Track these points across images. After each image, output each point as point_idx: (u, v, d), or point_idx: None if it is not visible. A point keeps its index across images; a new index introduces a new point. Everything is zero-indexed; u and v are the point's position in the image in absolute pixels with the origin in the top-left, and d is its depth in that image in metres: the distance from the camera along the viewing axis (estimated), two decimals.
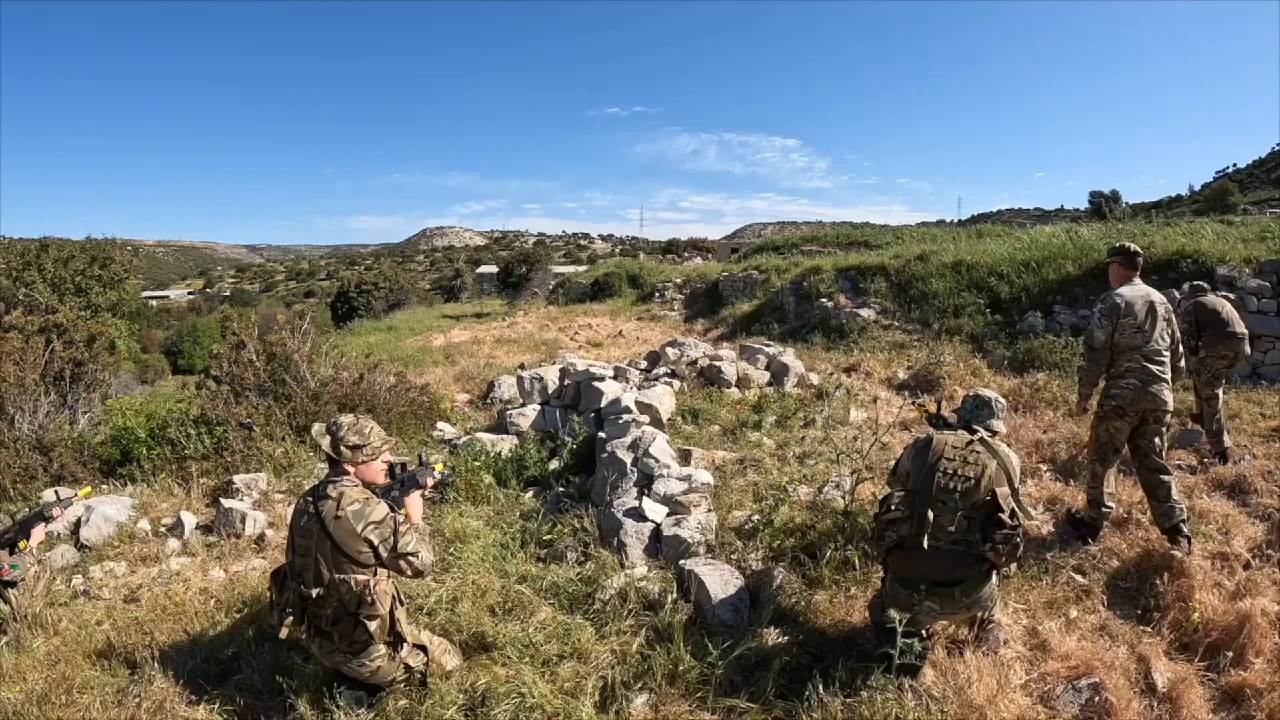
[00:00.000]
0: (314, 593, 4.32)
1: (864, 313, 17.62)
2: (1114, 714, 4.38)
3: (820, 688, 4.41)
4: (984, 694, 4.35)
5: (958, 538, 4.60)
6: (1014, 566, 5.12)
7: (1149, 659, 5.03)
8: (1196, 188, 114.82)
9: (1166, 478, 6.53)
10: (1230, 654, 5.12)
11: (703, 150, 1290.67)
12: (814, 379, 12.22)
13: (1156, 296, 6.68)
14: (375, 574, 4.38)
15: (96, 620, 5.92)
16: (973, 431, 4.98)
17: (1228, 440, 8.82)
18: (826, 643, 5.06)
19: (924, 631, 4.73)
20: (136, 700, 4.73)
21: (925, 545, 4.56)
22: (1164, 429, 6.68)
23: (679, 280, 27.88)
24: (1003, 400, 5.26)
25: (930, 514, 4.60)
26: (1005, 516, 4.55)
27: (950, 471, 4.70)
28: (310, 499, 4.45)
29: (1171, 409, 6.61)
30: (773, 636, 5.13)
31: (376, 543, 4.31)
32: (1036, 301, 15.18)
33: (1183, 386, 9.60)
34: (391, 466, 5.02)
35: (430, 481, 5.07)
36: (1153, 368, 6.48)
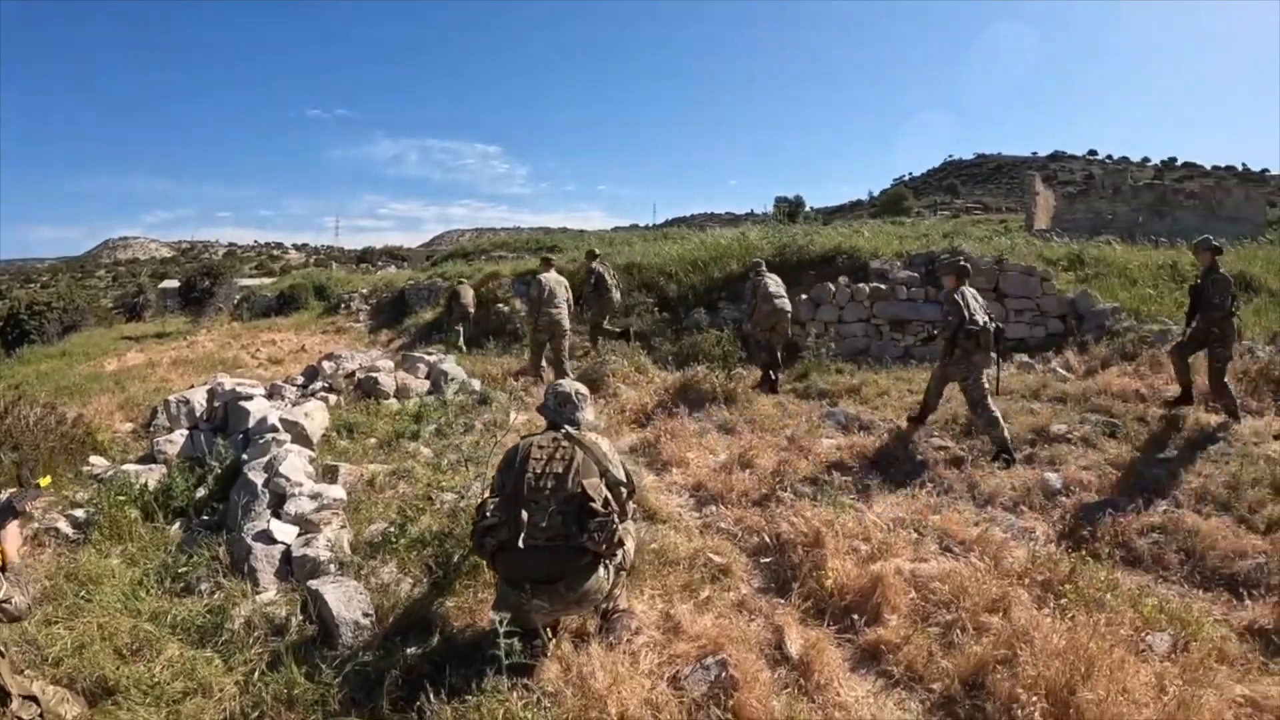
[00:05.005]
0: None
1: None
2: (740, 688, 4.44)
3: (432, 696, 4.30)
4: (605, 683, 4.32)
5: (554, 534, 4.64)
6: (628, 553, 5.15)
7: (784, 629, 5.17)
8: (876, 194, 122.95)
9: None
10: (863, 615, 5.40)
11: (404, 156, 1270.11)
12: (476, 385, 12.15)
13: (563, 280, 13.87)
14: None
15: None
16: (558, 428, 5.07)
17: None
18: (455, 649, 4.96)
19: (547, 630, 4.75)
20: None
21: (522, 545, 4.57)
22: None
23: (365, 290, 27.18)
24: (585, 391, 5.40)
25: (524, 514, 4.63)
26: (597, 505, 4.64)
27: (538, 471, 4.78)
28: None
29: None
30: (397, 648, 4.98)
31: None
32: (703, 299, 15.95)
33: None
34: None
35: (30, 504, 4.68)
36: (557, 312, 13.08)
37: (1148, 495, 7.45)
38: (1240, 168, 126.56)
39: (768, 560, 6.27)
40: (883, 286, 14.82)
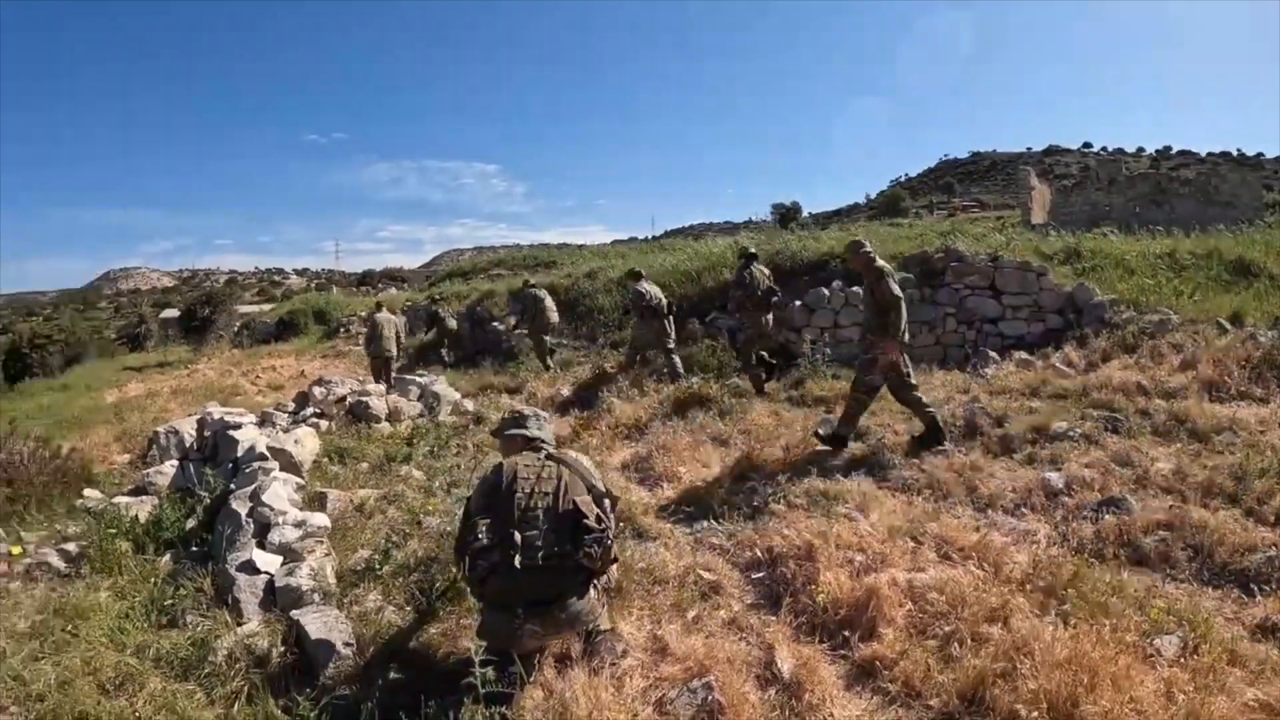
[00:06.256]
0: None
1: None
2: (726, 711, 4.35)
3: None
4: (586, 710, 4.23)
5: (549, 553, 4.58)
6: (614, 572, 5.09)
7: (774, 647, 5.05)
8: (873, 196, 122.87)
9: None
10: (857, 629, 5.24)
11: (402, 178, 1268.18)
12: (469, 405, 12.20)
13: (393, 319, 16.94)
14: None
15: None
16: (536, 449, 5.07)
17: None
18: (435, 678, 4.86)
19: (533, 657, 4.66)
20: None
21: (518, 564, 4.49)
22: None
23: (364, 314, 27.05)
24: (543, 413, 5.50)
25: (517, 536, 4.55)
26: (590, 521, 4.61)
27: (528, 490, 4.73)
28: None
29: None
30: (376, 678, 4.92)
31: None
32: (696, 309, 15.73)
33: None
34: None
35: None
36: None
37: (1153, 491, 7.33)
38: (1235, 153, 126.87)
39: (760, 575, 6.15)
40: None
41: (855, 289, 14.68)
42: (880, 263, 8.70)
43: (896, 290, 8.69)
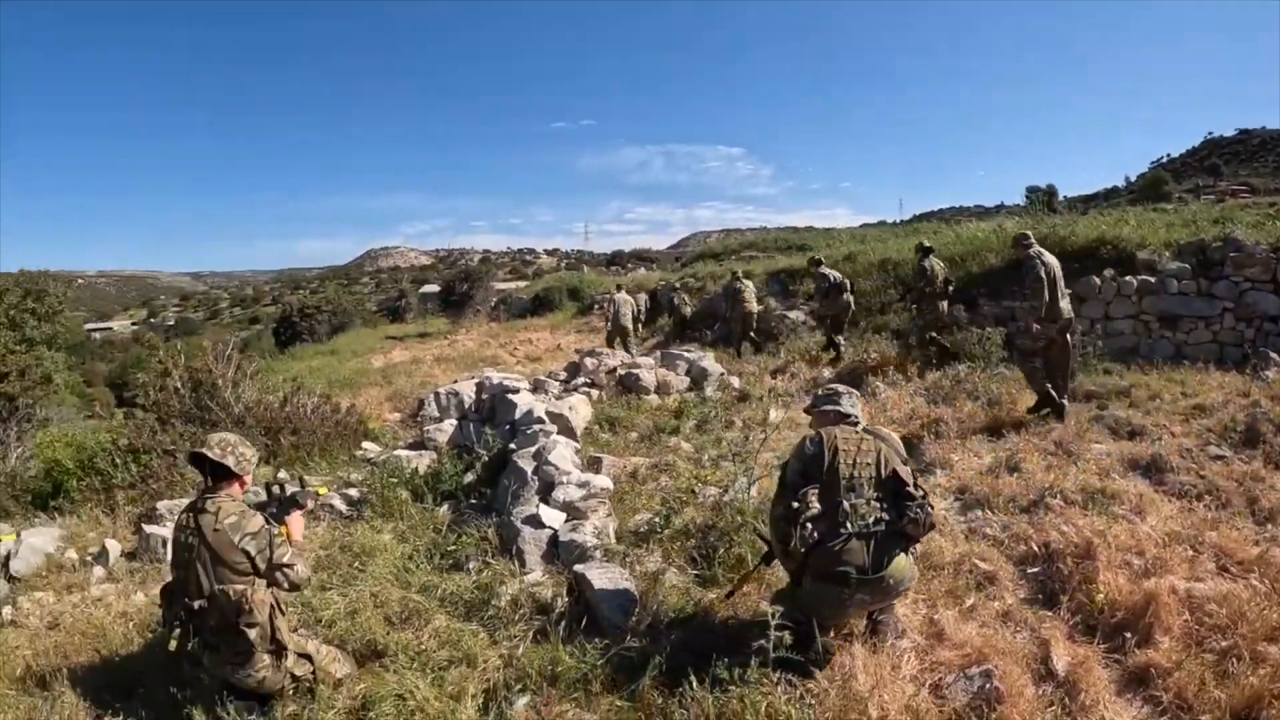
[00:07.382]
0: (197, 604, 4.33)
1: (792, 315, 18.04)
2: (1003, 701, 4.30)
3: (695, 684, 4.34)
4: (868, 685, 4.28)
5: (877, 519, 4.63)
6: (918, 548, 5.14)
7: (1050, 643, 4.96)
8: (1132, 178, 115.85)
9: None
10: (1134, 634, 5.05)
11: (649, 162, 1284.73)
12: (735, 382, 12.40)
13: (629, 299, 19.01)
14: (253, 583, 4.39)
15: (15, 646, 5.92)
16: (852, 423, 5.07)
17: None
18: (717, 640, 4.96)
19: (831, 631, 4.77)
20: (45, 717, 4.80)
21: (850, 529, 4.57)
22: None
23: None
24: (854, 390, 5.43)
25: (846, 504, 4.62)
26: (912, 489, 4.68)
27: (851, 461, 4.75)
28: (190, 514, 4.46)
29: None
30: (661, 634, 5.11)
31: (254, 553, 4.33)
32: (961, 295, 15.12)
33: None
34: (269, 486, 5.02)
35: (310, 503, 5.08)
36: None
37: None
38: None
39: (1035, 570, 6.02)
40: (1151, 280, 13.82)
41: (1129, 278, 13.95)
42: (1031, 252, 9.81)
43: (1036, 279, 9.53)
